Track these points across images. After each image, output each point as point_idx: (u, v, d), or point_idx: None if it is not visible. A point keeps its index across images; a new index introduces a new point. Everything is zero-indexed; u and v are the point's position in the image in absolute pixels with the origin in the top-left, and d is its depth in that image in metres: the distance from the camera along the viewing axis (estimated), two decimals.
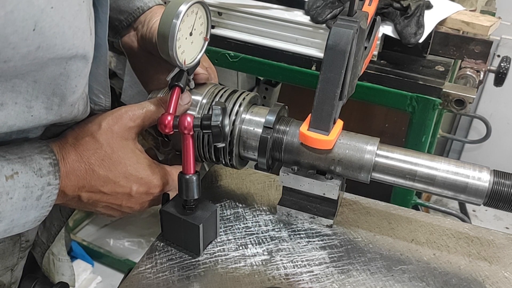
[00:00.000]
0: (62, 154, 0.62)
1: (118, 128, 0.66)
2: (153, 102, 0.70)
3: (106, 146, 0.65)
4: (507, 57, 1.18)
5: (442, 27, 1.18)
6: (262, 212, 0.81)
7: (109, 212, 0.70)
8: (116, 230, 2.28)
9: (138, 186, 0.67)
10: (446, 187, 0.67)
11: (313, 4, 1.16)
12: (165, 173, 0.70)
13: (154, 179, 0.68)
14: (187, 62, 0.69)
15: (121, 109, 0.67)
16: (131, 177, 0.66)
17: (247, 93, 0.75)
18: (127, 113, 0.67)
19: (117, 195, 0.66)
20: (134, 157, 0.67)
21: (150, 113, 0.69)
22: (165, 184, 0.70)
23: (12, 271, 0.76)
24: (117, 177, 0.65)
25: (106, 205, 0.67)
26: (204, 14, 0.70)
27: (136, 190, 0.67)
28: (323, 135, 0.68)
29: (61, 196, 0.62)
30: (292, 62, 1.20)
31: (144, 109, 0.68)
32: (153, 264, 0.71)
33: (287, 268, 0.71)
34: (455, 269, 0.72)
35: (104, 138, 0.65)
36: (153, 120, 0.69)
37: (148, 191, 0.68)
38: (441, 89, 1.09)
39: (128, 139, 0.67)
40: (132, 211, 0.70)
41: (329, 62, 0.65)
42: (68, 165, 0.62)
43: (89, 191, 0.65)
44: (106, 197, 0.66)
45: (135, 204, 0.69)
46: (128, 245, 2.22)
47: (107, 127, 0.65)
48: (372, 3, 0.75)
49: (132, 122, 0.67)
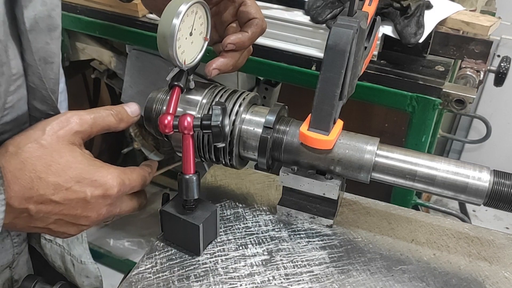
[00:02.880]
0: (3, 163, 0.57)
1: (63, 133, 0.60)
2: (103, 109, 0.65)
3: (52, 151, 0.59)
4: (507, 57, 1.18)
5: (442, 27, 1.18)
6: (262, 212, 0.81)
7: (62, 229, 0.63)
8: (116, 230, 2.28)
9: (93, 190, 0.61)
10: (446, 187, 0.67)
11: (313, 4, 1.16)
12: (120, 173, 0.64)
13: (109, 180, 0.62)
14: (187, 62, 0.69)
15: (67, 113, 0.62)
16: (84, 181, 0.60)
17: (247, 93, 0.75)
18: (73, 117, 0.62)
19: (71, 203, 0.60)
20: (84, 160, 0.61)
21: (99, 120, 0.64)
22: (122, 184, 0.63)
23: (11, 268, 0.75)
24: (68, 182, 0.59)
25: (59, 218, 0.61)
26: (204, 14, 0.70)
27: (91, 194, 0.61)
28: (323, 135, 0.68)
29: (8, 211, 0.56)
30: (292, 62, 1.20)
31: (93, 115, 0.63)
32: (153, 264, 0.71)
33: (287, 268, 0.71)
34: (455, 269, 0.72)
35: (49, 143, 0.59)
36: (101, 128, 0.64)
37: (105, 194, 0.62)
38: (441, 89, 1.09)
39: (75, 144, 0.62)
40: (90, 222, 0.63)
41: (329, 62, 0.65)
42: (10, 174, 0.56)
43: (38, 202, 0.58)
44: (58, 207, 0.59)
45: (92, 211, 0.62)
46: (128, 245, 2.22)
47: (52, 132, 0.60)
48: (372, 3, 0.75)
49: (79, 126, 0.62)
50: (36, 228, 0.61)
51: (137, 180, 0.66)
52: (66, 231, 0.63)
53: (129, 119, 0.67)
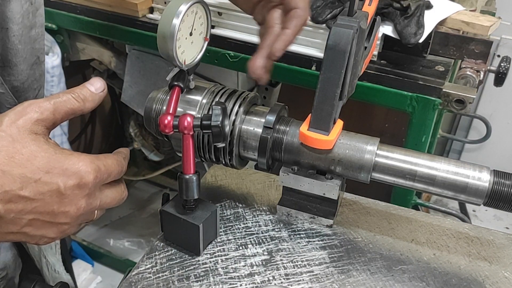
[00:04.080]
0: None
1: (23, 122, 0.55)
2: (63, 93, 0.60)
3: (14, 141, 0.53)
4: (507, 57, 1.18)
5: (442, 27, 1.18)
6: (262, 212, 0.81)
7: (40, 232, 0.56)
8: (116, 230, 2.28)
9: (66, 179, 0.54)
10: (446, 187, 0.67)
11: (313, 4, 1.15)
12: (93, 158, 0.58)
13: (81, 166, 0.55)
14: (187, 62, 0.69)
15: (24, 103, 0.57)
16: (54, 170, 0.54)
17: (247, 93, 0.75)
18: (30, 106, 0.56)
19: (45, 198, 0.54)
20: (50, 149, 0.55)
21: (60, 104, 0.58)
22: (97, 171, 0.57)
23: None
24: (35, 173, 0.53)
25: (34, 218, 0.54)
26: (204, 14, 0.71)
27: (64, 185, 0.54)
28: (323, 135, 0.68)
29: None
30: (292, 62, 1.20)
31: (53, 101, 0.58)
32: (153, 264, 0.71)
33: (287, 268, 0.71)
34: (455, 269, 0.72)
35: (9, 134, 0.53)
36: (65, 113, 0.59)
37: (80, 183, 0.55)
38: (441, 89, 1.09)
39: (38, 134, 0.56)
40: (69, 219, 0.56)
41: (329, 62, 0.65)
42: None
43: (6, 201, 0.52)
44: (30, 204, 0.53)
45: (70, 205, 0.55)
46: (128, 245, 2.22)
47: (10, 122, 0.54)
48: (372, 3, 0.75)
49: (39, 114, 0.56)
50: (9, 234, 0.55)
51: (113, 165, 0.60)
52: (44, 233, 0.57)
53: (94, 97, 0.61)
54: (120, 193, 0.63)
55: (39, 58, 0.71)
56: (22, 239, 0.57)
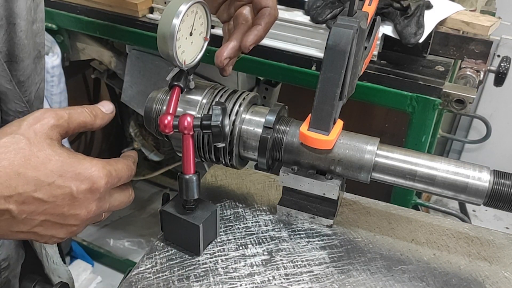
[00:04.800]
0: None
1: (40, 127, 0.57)
2: (77, 107, 0.63)
3: (30, 144, 0.55)
4: (507, 57, 1.18)
5: (442, 27, 1.18)
6: (262, 212, 0.81)
7: (50, 232, 0.58)
8: (116, 230, 2.28)
9: (79, 184, 0.57)
10: (446, 187, 0.67)
11: (313, 4, 1.16)
12: (105, 164, 0.60)
13: (94, 171, 0.58)
14: (187, 62, 0.69)
15: (41, 110, 0.60)
16: (67, 174, 0.56)
17: (247, 93, 0.75)
18: (48, 112, 0.59)
19: (57, 200, 0.56)
20: (64, 153, 0.57)
21: (75, 115, 0.61)
22: (109, 176, 0.60)
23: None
24: (49, 177, 0.55)
25: (45, 219, 0.57)
26: (204, 14, 0.71)
27: (77, 189, 0.57)
28: (323, 135, 0.68)
29: None
30: (292, 62, 1.20)
31: (68, 111, 0.61)
32: (153, 264, 0.71)
33: (287, 268, 0.71)
34: (455, 269, 0.72)
35: (27, 137, 0.56)
36: (78, 124, 0.62)
37: (92, 187, 0.58)
38: (441, 89, 1.09)
39: (54, 139, 0.58)
40: (79, 222, 0.59)
41: (329, 62, 0.65)
42: None
43: (20, 202, 0.54)
44: (43, 205, 0.55)
45: (81, 208, 0.58)
46: (128, 245, 2.22)
47: (28, 126, 0.57)
48: (372, 3, 0.75)
49: (56, 121, 0.59)
50: (20, 233, 0.57)
51: (123, 170, 0.63)
52: (54, 234, 0.59)
53: (104, 116, 0.65)
54: (128, 196, 0.67)
55: (40, 52, 0.72)
56: (32, 238, 0.59)
